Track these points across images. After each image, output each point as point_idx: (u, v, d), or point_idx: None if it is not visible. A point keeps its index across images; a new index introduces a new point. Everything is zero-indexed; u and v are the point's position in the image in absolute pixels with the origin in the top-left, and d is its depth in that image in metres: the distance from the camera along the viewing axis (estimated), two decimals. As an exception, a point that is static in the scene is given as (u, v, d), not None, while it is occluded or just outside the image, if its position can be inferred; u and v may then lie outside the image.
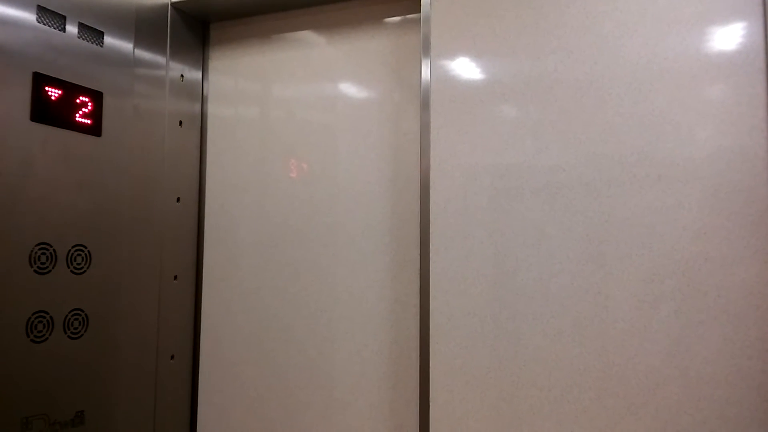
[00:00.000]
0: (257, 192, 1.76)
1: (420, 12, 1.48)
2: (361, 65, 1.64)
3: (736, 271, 1.18)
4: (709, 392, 1.19)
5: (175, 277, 1.72)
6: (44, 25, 1.32)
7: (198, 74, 1.84)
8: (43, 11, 1.32)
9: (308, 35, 1.73)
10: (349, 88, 1.66)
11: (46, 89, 1.31)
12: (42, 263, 1.30)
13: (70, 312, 1.36)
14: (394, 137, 1.59)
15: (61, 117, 1.34)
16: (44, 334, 1.30)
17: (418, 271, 1.47)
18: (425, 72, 1.46)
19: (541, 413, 1.32)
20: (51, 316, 1.32)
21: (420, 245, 1.44)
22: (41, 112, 1.30)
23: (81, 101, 1.39)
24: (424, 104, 1.45)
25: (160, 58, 1.67)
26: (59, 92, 1.34)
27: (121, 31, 1.52)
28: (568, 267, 1.31)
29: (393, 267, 1.56)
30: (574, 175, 1.31)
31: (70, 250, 1.36)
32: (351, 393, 1.59)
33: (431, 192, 1.43)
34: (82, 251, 1.39)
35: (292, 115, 1.73)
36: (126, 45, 1.53)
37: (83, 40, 1.41)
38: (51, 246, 1.32)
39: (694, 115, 1.23)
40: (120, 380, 1.50)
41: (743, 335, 1.17)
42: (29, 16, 1.29)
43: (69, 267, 1.36)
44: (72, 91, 1.37)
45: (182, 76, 1.77)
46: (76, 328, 1.37)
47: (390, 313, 1.55)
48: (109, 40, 1.48)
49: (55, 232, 1.33)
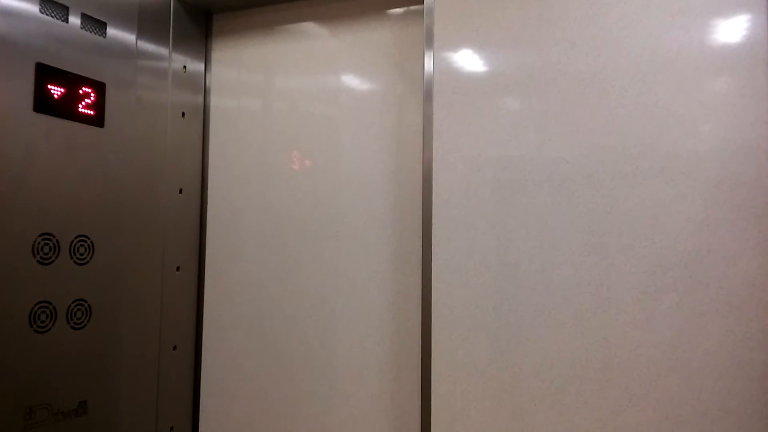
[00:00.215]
0: (260, 183, 1.76)
1: (423, 3, 1.48)
2: (364, 57, 1.64)
3: (738, 263, 1.18)
4: (710, 384, 1.19)
5: (178, 268, 1.73)
6: (47, 15, 1.32)
7: (200, 66, 1.83)
8: (46, 2, 1.32)
9: (311, 27, 1.72)
10: (351, 80, 1.66)
11: (49, 80, 1.31)
12: (45, 254, 1.30)
13: (73, 302, 1.36)
14: (396, 129, 1.58)
15: (64, 108, 1.34)
16: (47, 325, 1.31)
17: (420, 263, 1.47)
18: (428, 63, 1.46)
19: (542, 404, 1.32)
20: (54, 307, 1.32)
21: (422, 237, 1.44)
22: (44, 102, 1.30)
23: (84, 92, 1.39)
24: (427, 96, 1.45)
25: (162, 50, 1.67)
26: (62, 83, 1.34)
27: (124, 22, 1.52)
28: (571, 259, 1.31)
29: (395, 258, 1.56)
30: (577, 167, 1.31)
31: (72, 241, 1.36)
32: (353, 384, 1.59)
33: (434, 183, 1.43)
34: (85, 242, 1.39)
35: (294, 106, 1.73)
36: (129, 36, 1.53)
37: (86, 31, 1.41)
38: (54, 236, 1.32)
39: (698, 107, 1.23)
40: (123, 370, 1.51)
41: (745, 327, 1.17)
42: (32, 7, 1.29)
43: (72, 257, 1.36)
44: (75, 81, 1.37)
45: (185, 67, 1.76)
46: (79, 319, 1.38)
47: (392, 305, 1.55)
48: (111, 31, 1.48)
49: (57, 222, 1.33)
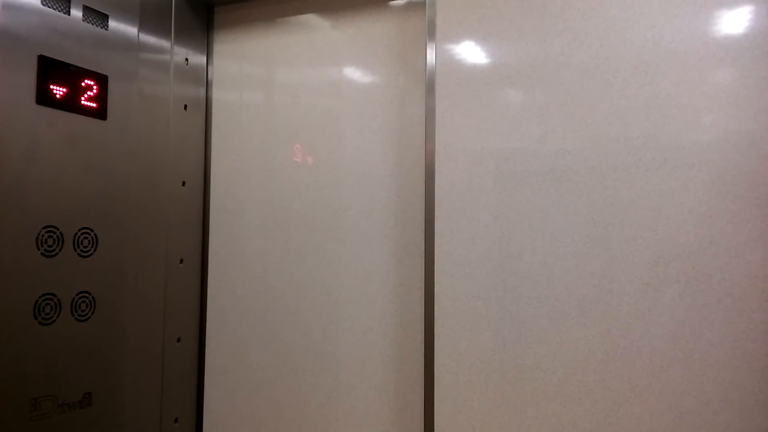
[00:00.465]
0: (262, 176, 1.76)
1: (425, -5, 1.48)
2: (366, 49, 1.64)
3: (740, 254, 1.18)
4: (713, 375, 1.19)
5: (181, 261, 1.73)
6: (49, 8, 1.32)
7: (202, 58, 1.83)
8: (47, -6, 1.32)
9: (312, 19, 1.72)
10: (353, 72, 1.65)
11: (52, 73, 1.31)
12: (49, 246, 1.31)
13: (77, 295, 1.37)
14: (398, 121, 1.58)
15: (66, 101, 1.34)
16: (52, 317, 1.31)
17: (423, 255, 1.47)
18: (430, 55, 1.45)
19: (545, 395, 1.32)
20: (58, 299, 1.33)
21: (425, 229, 1.44)
22: (47, 95, 1.30)
23: (86, 85, 1.38)
24: (429, 88, 1.45)
25: (164, 42, 1.67)
26: (64, 75, 1.34)
27: (126, 14, 1.51)
28: (573, 250, 1.31)
29: (398, 250, 1.56)
30: (580, 159, 1.31)
31: (76, 233, 1.37)
32: (356, 375, 1.60)
33: (436, 176, 1.43)
34: (89, 234, 1.39)
35: (296, 99, 1.72)
36: (131, 28, 1.53)
37: (88, 23, 1.41)
38: (58, 229, 1.32)
39: (701, 98, 1.22)
40: (127, 362, 1.51)
41: (747, 318, 1.17)
42: (34, 0, 1.29)
43: (76, 250, 1.36)
44: (77, 74, 1.37)
45: (187, 60, 1.76)
46: (83, 311, 1.38)
47: (395, 297, 1.56)
48: (113, 23, 1.47)
49: (61, 215, 1.33)
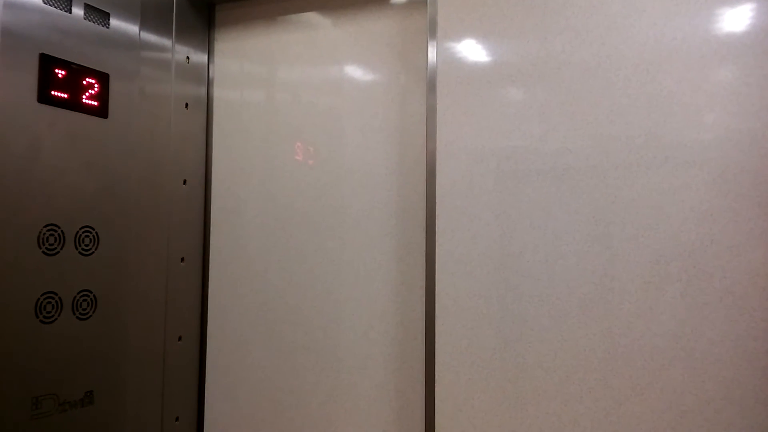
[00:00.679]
0: (263, 174, 1.76)
1: (426, -7, 1.48)
2: (367, 47, 1.63)
3: (742, 253, 1.18)
4: (714, 373, 1.19)
5: (182, 259, 1.73)
6: (50, 6, 1.31)
7: (204, 57, 1.83)
8: (49, -8, 1.32)
9: (314, 17, 1.72)
10: (355, 71, 1.65)
11: (53, 71, 1.31)
12: (50, 244, 1.31)
13: (78, 293, 1.37)
14: (400, 119, 1.58)
15: (67, 99, 1.34)
16: (53, 315, 1.31)
17: (424, 253, 1.47)
18: (431, 54, 1.45)
19: (546, 394, 1.32)
20: (60, 297, 1.33)
21: (426, 227, 1.44)
22: (48, 93, 1.30)
23: (87, 83, 1.38)
24: (431, 86, 1.45)
25: (165, 40, 1.67)
26: (66, 74, 1.34)
27: (127, 12, 1.51)
28: (574, 249, 1.31)
29: (399, 249, 1.56)
30: (581, 157, 1.31)
31: (77, 232, 1.37)
32: (357, 374, 1.60)
33: (437, 174, 1.43)
34: (90, 233, 1.40)
35: (297, 97, 1.72)
36: (132, 27, 1.52)
37: (89, 21, 1.41)
38: (59, 227, 1.32)
39: (702, 96, 1.22)
40: (128, 361, 1.51)
41: (748, 317, 1.17)
42: (36, -2, 1.29)
43: (77, 248, 1.36)
44: (78, 72, 1.37)
45: (188, 58, 1.76)
46: (84, 309, 1.38)
47: (396, 295, 1.56)
48: (115, 21, 1.47)
49: (62, 213, 1.33)
